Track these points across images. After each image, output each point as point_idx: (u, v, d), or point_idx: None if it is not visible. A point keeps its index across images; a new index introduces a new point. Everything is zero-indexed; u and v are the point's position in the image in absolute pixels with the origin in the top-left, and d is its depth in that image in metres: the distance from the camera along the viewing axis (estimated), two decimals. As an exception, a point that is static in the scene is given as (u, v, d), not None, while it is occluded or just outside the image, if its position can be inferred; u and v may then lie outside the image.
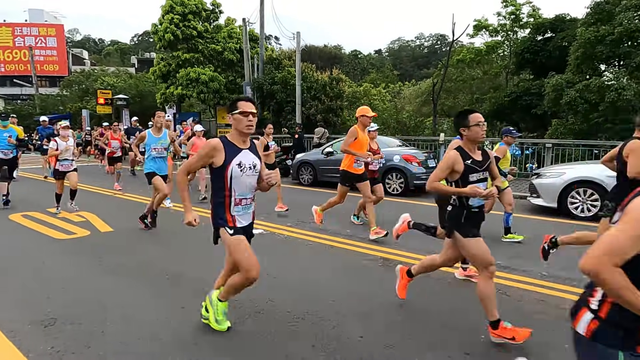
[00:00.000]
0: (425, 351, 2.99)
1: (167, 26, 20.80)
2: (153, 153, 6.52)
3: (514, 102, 19.58)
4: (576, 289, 4.14)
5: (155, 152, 6.53)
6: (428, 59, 63.54)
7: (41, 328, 3.30)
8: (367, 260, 5.10)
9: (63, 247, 5.65)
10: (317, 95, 19.70)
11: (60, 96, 37.20)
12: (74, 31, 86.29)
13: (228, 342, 3.11)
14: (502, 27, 23.70)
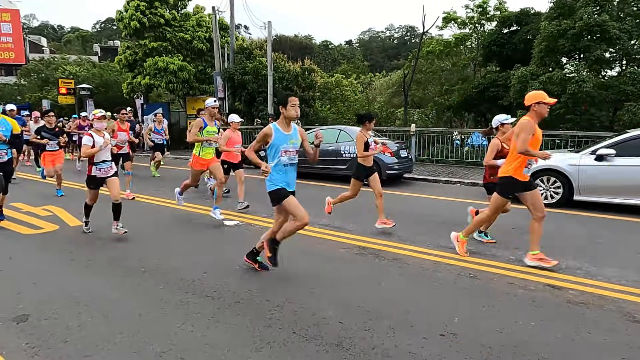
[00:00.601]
0: (402, 333, 3.11)
1: (132, 13, 20.08)
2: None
3: (482, 93, 20.10)
4: (541, 271, 4.38)
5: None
6: (398, 50, 64.12)
7: (14, 325, 3.22)
8: (343, 249, 5.19)
9: (31, 242, 5.47)
10: (289, 85, 19.59)
11: (18, 85, 35.39)
12: (31, 17, 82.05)
13: (208, 332, 3.13)
14: (470, 20, 24.18)
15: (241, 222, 6.44)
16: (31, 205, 7.49)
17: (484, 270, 4.43)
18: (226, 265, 4.55)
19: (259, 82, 19.28)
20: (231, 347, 2.92)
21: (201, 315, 3.39)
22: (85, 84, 24.50)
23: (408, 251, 5.05)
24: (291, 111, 4.01)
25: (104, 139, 5.48)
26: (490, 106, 20.63)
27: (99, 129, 5.58)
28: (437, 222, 6.49)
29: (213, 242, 5.53)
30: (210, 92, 21.71)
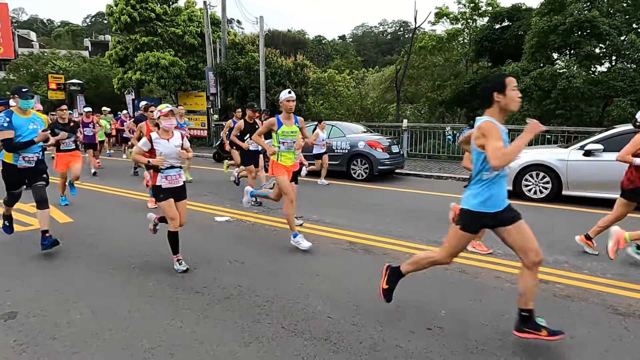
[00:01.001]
0: (390, 327, 3.15)
1: (123, 7, 19.87)
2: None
3: (473, 88, 20.20)
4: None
5: None
6: (391, 46, 64.13)
7: (1, 322, 3.21)
8: (334, 244, 5.22)
9: (19, 239, 5.43)
10: (282, 81, 19.55)
11: (7, 80, 34.92)
12: (20, 10, 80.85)
13: (197, 328, 3.14)
14: (462, 15, 24.26)
15: (232, 218, 6.44)
16: (20, 202, 7.41)
17: (472, 264, 4.48)
18: (216, 261, 4.56)
19: (251, 78, 19.21)
20: (220, 342, 2.94)
21: (190, 311, 3.40)
22: (75, 79, 24.26)
23: (398, 246, 5.10)
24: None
25: (168, 143, 4.20)
26: (481, 102, 20.75)
27: (166, 129, 4.23)
28: (428, 217, 6.54)
29: (203, 238, 5.53)
30: (202, 87, 21.60)
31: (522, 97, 12.24)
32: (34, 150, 4.74)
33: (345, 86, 30.23)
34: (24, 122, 4.65)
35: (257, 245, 5.22)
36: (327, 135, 10.87)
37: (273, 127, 5.07)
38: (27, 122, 4.69)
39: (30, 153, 4.72)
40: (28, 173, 4.78)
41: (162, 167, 4.23)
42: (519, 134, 2.77)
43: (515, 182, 7.86)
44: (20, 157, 4.68)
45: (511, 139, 2.89)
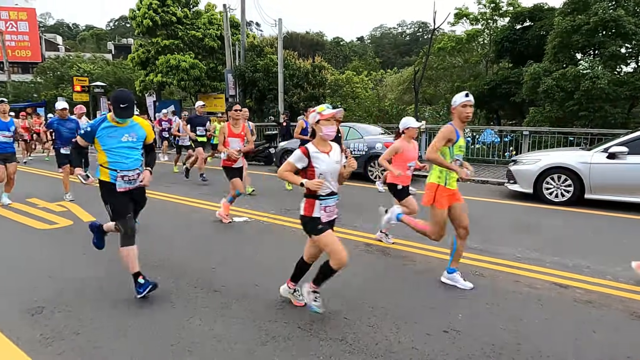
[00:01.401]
0: (406, 329, 3.15)
1: (145, 11, 20.32)
2: None
3: (494, 90, 19.91)
4: (547, 269, 4.37)
5: None
6: (410, 47, 63.69)
7: (29, 316, 3.33)
8: (351, 246, 5.22)
9: (46, 237, 5.62)
10: (300, 83, 19.65)
11: (34, 83, 36.07)
12: (47, 15, 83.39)
13: (215, 326, 3.20)
14: (482, 16, 23.93)
15: (250, 219, 6.52)
16: (47, 201, 7.68)
17: (489, 267, 4.44)
18: (234, 261, 4.63)
19: (269, 80, 19.36)
20: (237, 340, 2.99)
21: (209, 309, 3.47)
22: (99, 81, 24.87)
23: (415, 248, 5.08)
24: None
25: (335, 161, 3.15)
26: (502, 103, 20.45)
27: (326, 138, 3.14)
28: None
29: (222, 238, 5.61)
30: (221, 89, 21.89)
31: (544, 98, 12.05)
32: (133, 166, 3.67)
33: (363, 88, 30.20)
34: (117, 132, 3.63)
35: (274, 246, 5.27)
36: (345, 136, 10.89)
37: (451, 138, 3.75)
38: (122, 132, 3.65)
39: (129, 169, 3.66)
40: (132, 197, 3.80)
41: (322, 194, 3.15)
42: (540, 136, 2.76)
43: (535, 185, 7.73)
44: (119, 176, 3.61)
45: (533, 140, 2.87)
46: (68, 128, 7.75)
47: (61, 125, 7.73)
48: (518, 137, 13.32)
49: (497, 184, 9.84)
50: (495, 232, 5.86)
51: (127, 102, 3.52)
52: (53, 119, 7.74)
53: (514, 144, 13.65)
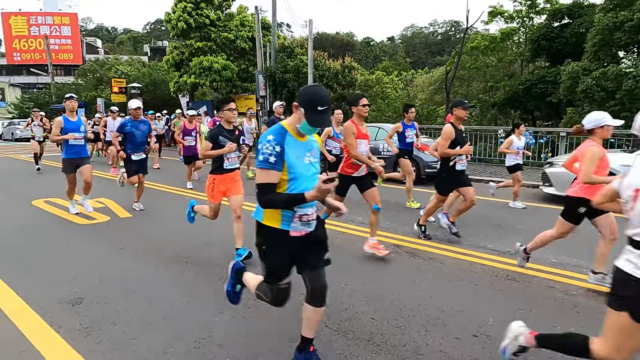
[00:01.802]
0: (434, 332, 3.11)
1: (180, 14, 20.88)
2: None
3: (529, 90, 19.30)
4: (585, 275, 4.21)
5: None
6: (442, 46, 62.68)
7: (69, 306, 3.50)
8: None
9: (85, 231, 5.87)
10: (329, 83, 19.68)
11: (76, 85, 37.68)
12: (88, 19, 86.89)
13: (244, 322, 3.26)
14: (518, 14, 23.26)
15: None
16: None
17: (522, 272, 4.32)
18: (263, 258, 4.69)
19: (299, 80, 19.49)
20: (266, 337, 3.04)
21: (238, 305, 3.53)
22: (135, 83, 25.74)
23: (444, 251, 5.00)
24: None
25: None
26: (537, 103, 19.81)
27: None
28: (475, 222, 6.35)
29: (251, 236, 5.70)
30: (252, 90, 22.20)
31: (583, 98, 11.62)
32: (311, 203, 2.49)
33: (393, 88, 29.95)
34: (300, 150, 2.44)
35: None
36: (374, 137, 10.84)
37: None
38: (304, 150, 2.46)
39: (309, 207, 2.51)
40: (303, 244, 2.60)
41: None
42: (577, 137, 2.68)
43: (572, 188, 7.45)
44: (296, 217, 2.47)
45: (570, 142, 2.78)
46: (142, 130, 6.82)
47: (135, 128, 6.72)
48: (554, 139, 12.87)
49: (532, 187, 9.54)
50: (529, 235, 5.67)
51: (326, 103, 2.33)
52: (126, 120, 6.91)
53: (549, 146, 13.21)
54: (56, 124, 6.50)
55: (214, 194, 4.65)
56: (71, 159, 6.55)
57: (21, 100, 39.60)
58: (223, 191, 4.66)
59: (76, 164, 6.55)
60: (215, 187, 4.64)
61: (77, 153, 6.57)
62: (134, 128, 6.73)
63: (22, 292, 3.75)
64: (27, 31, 53.84)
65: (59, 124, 6.45)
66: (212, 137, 4.58)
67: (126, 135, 6.74)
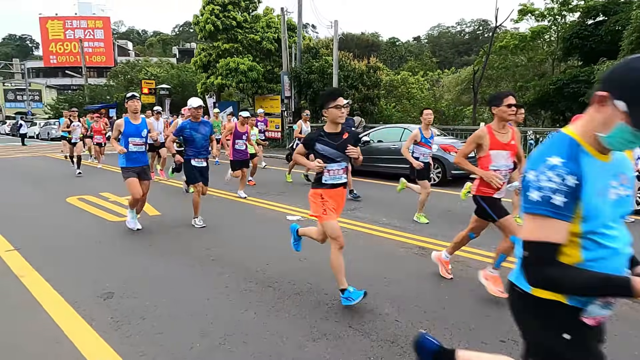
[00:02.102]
0: (459, 335, 3.06)
1: (207, 17, 21.27)
2: None
3: (560, 90, 18.72)
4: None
5: None
6: (469, 46, 61.59)
7: (101, 300, 3.62)
8: (403, 248, 5.17)
9: (116, 228, 6.06)
10: (354, 84, 19.65)
11: (107, 86, 38.91)
12: (119, 23, 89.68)
13: (268, 320, 3.30)
14: (550, 12, 22.60)
15: (303, 218, 6.62)
16: (117, 195, 8.27)
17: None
18: (287, 258, 4.73)
19: (324, 81, 19.54)
20: (290, 335, 3.06)
21: (262, 303, 3.58)
22: (164, 84, 26.36)
23: (471, 254, 4.91)
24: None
25: None
26: (569, 104, 19.18)
27: None
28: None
29: (276, 235, 5.75)
30: (277, 91, 22.41)
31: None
32: None
33: (418, 88, 29.62)
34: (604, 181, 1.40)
35: (326, 245, 5.31)
36: (399, 138, 10.76)
37: None
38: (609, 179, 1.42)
39: None
40: None
41: None
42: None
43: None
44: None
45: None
46: (202, 133, 5.99)
47: (195, 130, 5.90)
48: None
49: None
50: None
51: None
52: (185, 122, 6.07)
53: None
54: (116, 127, 5.66)
55: (327, 210, 3.54)
56: (130, 168, 5.65)
57: (57, 101, 41.18)
58: (335, 208, 3.62)
59: (136, 172, 5.66)
60: (327, 204, 3.55)
61: (136, 161, 5.66)
62: (193, 131, 5.89)
63: (58, 285, 3.91)
64: (62, 35, 55.99)
65: (118, 127, 5.62)
66: (307, 143, 3.54)
67: (185, 139, 5.97)
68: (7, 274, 4.23)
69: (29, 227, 6.08)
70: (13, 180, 10.74)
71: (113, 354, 2.80)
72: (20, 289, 3.86)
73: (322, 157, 3.47)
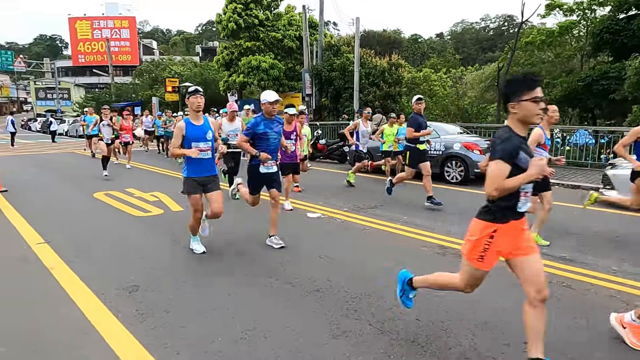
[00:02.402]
0: (482, 337, 3.01)
1: (230, 15, 21.51)
2: None
3: (589, 86, 18.18)
4: (650, 286, 3.92)
5: None
6: (494, 42, 60.37)
7: (126, 293, 3.72)
8: (424, 247, 5.12)
9: (141, 223, 6.20)
10: (376, 81, 19.54)
11: (133, 84, 39.82)
12: (145, 22, 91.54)
13: (290, 316, 3.32)
14: (579, 6, 21.94)
15: (323, 215, 6.64)
16: (142, 191, 8.46)
17: (579, 279, 4.08)
18: (307, 256, 4.75)
19: (345, 79, 19.50)
20: (309, 332, 3.08)
21: (283, 300, 3.61)
22: (187, 82, 26.78)
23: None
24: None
25: None
26: (598, 101, 18.62)
27: None
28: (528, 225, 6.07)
29: (297, 232, 5.78)
30: (298, 88, 22.48)
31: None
32: None
33: (441, 85, 29.24)
34: None
35: (346, 243, 5.32)
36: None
37: None
38: None
39: None
40: None
41: None
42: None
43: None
44: None
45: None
46: (277, 132, 4.95)
47: (269, 128, 4.85)
48: (617, 139, 12.04)
49: (590, 190, 8.99)
50: (588, 241, 5.38)
51: None
52: (257, 118, 4.90)
53: (611, 146, 12.38)
54: (177, 131, 4.51)
55: (487, 255, 2.54)
56: (195, 179, 4.58)
57: (84, 99, 42.40)
58: (503, 252, 2.54)
59: (202, 184, 4.62)
60: (493, 245, 2.52)
61: (202, 169, 4.57)
62: (268, 129, 4.84)
63: (86, 278, 4.03)
64: (90, 34, 57.54)
65: (180, 131, 4.46)
66: (510, 153, 2.41)
67: (259, 137, 4.85)
68: (39, 266, 4.39)
69: (58, 221, 6.29)
70: (45, 175, 11.11)
71: (138, 345, 2.88)
72: (50, 280, 4.00)
73: (517, 173, 2.39)
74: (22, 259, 4.60)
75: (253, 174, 4.99)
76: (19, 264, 4.47)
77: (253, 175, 5.00)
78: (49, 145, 22.91)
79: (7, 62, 49.68)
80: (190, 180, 4.59)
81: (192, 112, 4.55)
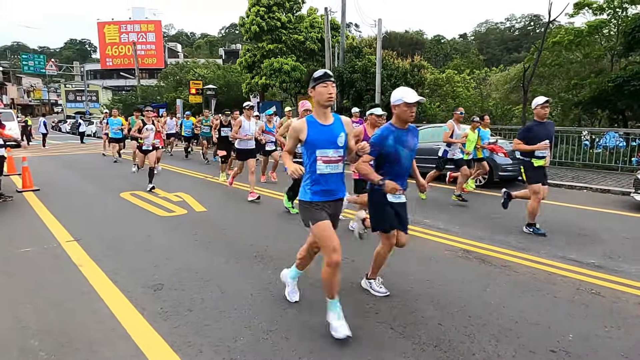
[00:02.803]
0: (506, 343, 2.95)
1: (253, 18, 21.74)
2: None
3: (620, 87, 17.53)
4: (685, 295, 3.76)
5: None
6: (519, 42, 59.12)
7: (151, 291, 3.80)
8: (448, 251, 5.05)
9: (165, 223, 6.33)
10: (398, 83, 19.36)
11: (158, 87, 40.63)
12: (170, 26, 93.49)
13: (310, 317, 3.33)
14: (609, 4, 21.23)
15: (344, 217, 6.61)
16: (166, 192, 8.63)
17: (609, 287, 3.95)
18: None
19: (367, 80, 19.42)
20: (330, 333, 3.07)
21: (304, 300, 3.62)
22: (211, 84, 27.16)
23: (518, 259, 4.73)
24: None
25: None
26: (630, 102, 17.96)
27: None
28: (555, 230, 5.92)
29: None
30: (319, 90, 22.50)
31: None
32: None
33: (464, 87, 28.79)
34: None
35: (367, 245, 5.29)
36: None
37: None
38: None
39: None
40: None
41: None
42: None
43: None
44: None
45: None
46: (411, 147, 3.51)
47: (400, 143, 3.43)
48: (650, 142, 11.62)
49: (621, 194, 8.70)
50: (618, 247, 5.20)
51: None
52: (385, 129, 3.49)
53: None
54: (292, 132, 3.15)
55: None
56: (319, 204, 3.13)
57: (112, 101, 43.53)
58: None
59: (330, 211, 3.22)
60: None
61: (329, 191, 3.13)
62: (399, 144, 3.42)
63: (113, 276, 4.14)
64: (118, 38, 59.15)
65: (296, 133, 3.11)
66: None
67: (385, 155, 3.45)
68: (68, 263, 4.53)
69: (87, 219, 6.47)
70: (74, 175, 11.47)
71: (162, 343, 2.93)
72: (79, 278, 4.13)
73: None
74: (53, 256, 4.75)
75: (376, 202, 3.58)
76: (50, 260, 4.62)
77: (376, 203, 3.58)
78: (78, 146, 23.64)
79: (40, 65, 51.54)
80: (313, 206, 3.12)
81: (319, 108, 3.12)
